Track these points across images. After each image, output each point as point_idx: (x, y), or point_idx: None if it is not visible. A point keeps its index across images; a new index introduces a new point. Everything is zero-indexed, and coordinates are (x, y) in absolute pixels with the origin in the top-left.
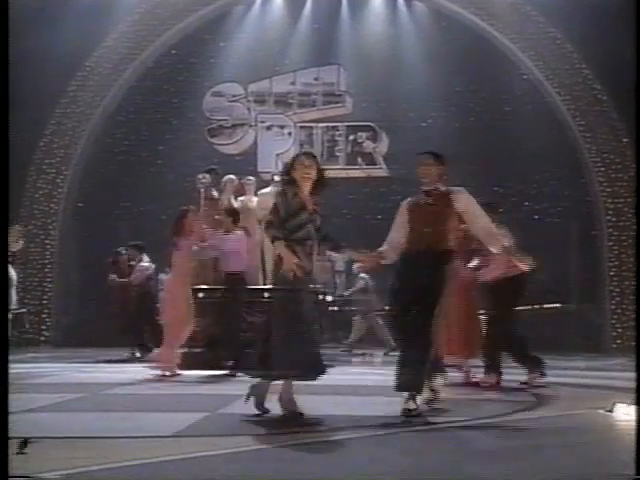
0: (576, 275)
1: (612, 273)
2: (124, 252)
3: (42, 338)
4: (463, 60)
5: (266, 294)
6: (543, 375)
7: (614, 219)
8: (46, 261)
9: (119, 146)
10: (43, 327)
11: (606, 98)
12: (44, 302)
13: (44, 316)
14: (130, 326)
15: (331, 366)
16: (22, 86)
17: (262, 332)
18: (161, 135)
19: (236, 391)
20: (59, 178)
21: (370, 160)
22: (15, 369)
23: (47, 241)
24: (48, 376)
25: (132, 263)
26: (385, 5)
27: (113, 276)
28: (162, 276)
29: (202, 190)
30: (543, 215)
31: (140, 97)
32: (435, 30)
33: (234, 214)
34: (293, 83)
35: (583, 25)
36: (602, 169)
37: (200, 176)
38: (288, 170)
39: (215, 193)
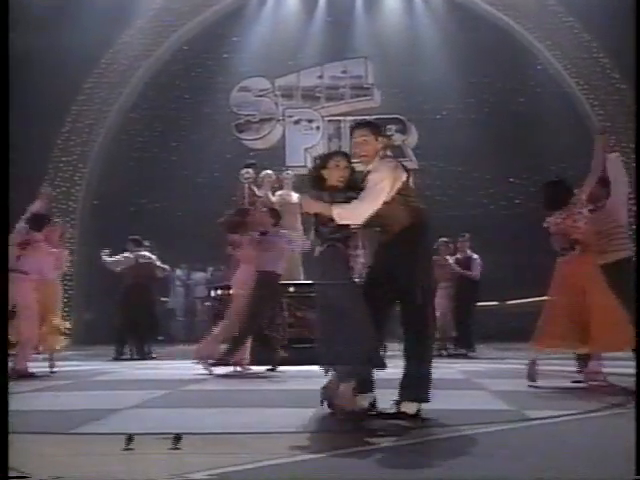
0: None
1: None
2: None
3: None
4: (479, 51)
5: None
6: None
7: (635, 209)
8: None
9: (135, 143)
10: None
11: (625, 87)
12: (65, 300)
13: (65, 314)
14: (120, 321)
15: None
16: (39, 84)
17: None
18: (176, 132)
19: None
20: (77, 176)
21: (399, 153)
22: (62, 367)
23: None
24: (105, 374)
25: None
26: None
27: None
28: (178, 272)
29: (246, 186)
30: None
31: (155, 93)
32: (450, 21)
33: (276, 215)
34: (321, 77)
35: (601, 14)
36: (621, 159)
37: (243, 171)
38: (321, 170)
39: (256, 188)
